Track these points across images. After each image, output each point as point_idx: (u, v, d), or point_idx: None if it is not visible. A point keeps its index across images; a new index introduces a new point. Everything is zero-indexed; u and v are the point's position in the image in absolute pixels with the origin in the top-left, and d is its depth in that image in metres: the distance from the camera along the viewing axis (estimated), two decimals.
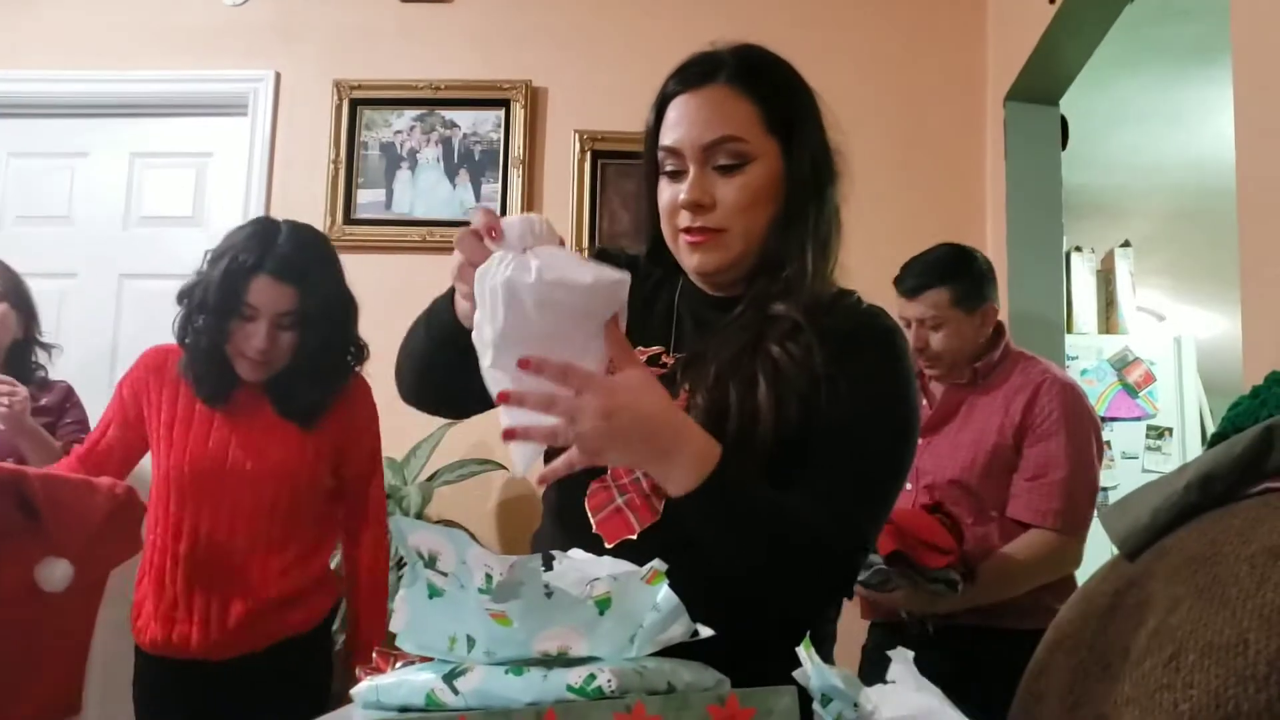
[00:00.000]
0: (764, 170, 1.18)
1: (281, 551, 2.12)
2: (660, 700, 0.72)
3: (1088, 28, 2.70)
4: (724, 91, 1.20)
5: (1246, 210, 1.63)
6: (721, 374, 1.14)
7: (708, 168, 1.18)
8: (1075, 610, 0.77)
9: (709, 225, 1.18)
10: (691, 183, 1.17)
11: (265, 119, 3.48)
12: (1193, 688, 0.50)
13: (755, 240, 1.19)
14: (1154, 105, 3.89)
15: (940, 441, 2.30)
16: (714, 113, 1.19)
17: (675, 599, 0.79)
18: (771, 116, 1.20)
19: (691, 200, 1.17)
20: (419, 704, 0.77)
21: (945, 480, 2.25)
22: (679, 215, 1.19)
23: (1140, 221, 4.89)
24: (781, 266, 1.20)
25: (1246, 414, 0.73)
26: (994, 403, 2.27)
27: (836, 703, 0.79)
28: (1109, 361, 4.12)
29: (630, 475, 1.16)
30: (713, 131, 1.17)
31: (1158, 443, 4.06)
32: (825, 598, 1.17)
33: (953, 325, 2.28)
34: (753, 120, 1.19)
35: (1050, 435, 2.21)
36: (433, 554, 0.78)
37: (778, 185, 1.20)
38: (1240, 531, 0.59)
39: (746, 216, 1.18)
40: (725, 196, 1.17)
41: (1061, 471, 2.18)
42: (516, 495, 3.26)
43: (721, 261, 1.20)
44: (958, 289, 2.28)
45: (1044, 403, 2.22)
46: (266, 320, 2.09)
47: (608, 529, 1.13)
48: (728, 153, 1.17)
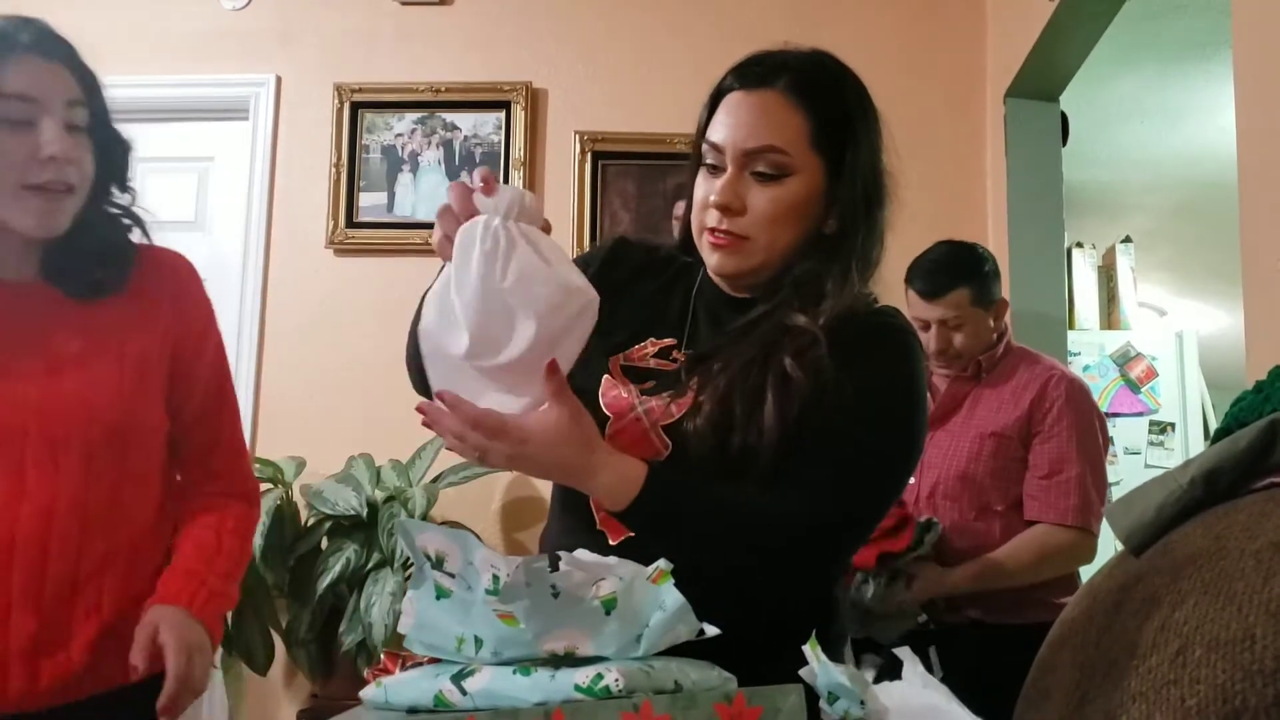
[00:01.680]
0: (802, 186, 1.17)
1: (106, 556, 1.36)
2: (667, 699, 0.73)
3: (1087, 24, 2.70)
4: (778, 100, 1.18)
5: (1248, 205, 1.63)
6: (731, 385, 1.13)
7: (745, 173, 1.17)
8: (1081, 606, 0.77)
9: (734, 230, 1.17)
10: (725, 184, 1.16)
11: (266, 123, 3.48)
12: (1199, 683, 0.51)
13: (778, 253, 1.18)
14: (1154, 101, 3.88)
15: (943, 435, 2.29)
16: (762, 119, 1.17)
17: (681, 598, 0.79)
18: (821, 133, 1.18)
19: (722, 202, 1.16)
20: (427, 704, 0.77)
21: (951, 475, 2.25)
22: (708, 213, 1.18)
23: (1141, 217, 4.88)
24: (812, 281, 1.18)
25: (1250, 409, 0.73)
26: (1000, 396, 2.27)
27: (843, 701, 0.80)
28: (1111, 357, 4.12)
29: None
30: (756, 139, 1.16)
31: (1160, 438, 4.06)
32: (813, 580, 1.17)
33: (973, 324, 2.28)
34: (801, 134, 1.17)
35: (1060, 432, 2.20)
36: (440, 555, 0.78)
37: (814, 203, 1.19)
38: (1246, 526, 0.59)
39: (773, 229, 1.17)
40: (756, 205, 1.16)
41: (1075, 468, 2.18)
42: (520, 497, 3.26)
43: (740, 267, 1.19)
44: (975, 288, 2.27)
45: (1052, 398, 2.22)
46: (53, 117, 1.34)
47: (612, 525, 1.13)
48: (768, 162, 1.16)
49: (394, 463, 3.07)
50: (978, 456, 2.23)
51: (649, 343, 1.24)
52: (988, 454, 2.23)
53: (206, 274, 3.72)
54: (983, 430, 2.25)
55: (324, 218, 3.41)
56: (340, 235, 3.40)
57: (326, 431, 3.28)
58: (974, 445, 2.25)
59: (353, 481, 2.97)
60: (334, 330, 3.38)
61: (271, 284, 3.41)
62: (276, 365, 3.37)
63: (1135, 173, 4.52)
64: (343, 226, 3.40)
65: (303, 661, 2.91)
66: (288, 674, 3.15)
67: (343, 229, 3.40)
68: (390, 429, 3.21)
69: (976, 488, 2.23)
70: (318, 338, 3.37)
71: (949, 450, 2.27)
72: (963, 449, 2.26)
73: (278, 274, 3.42)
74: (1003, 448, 2.23)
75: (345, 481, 2.98)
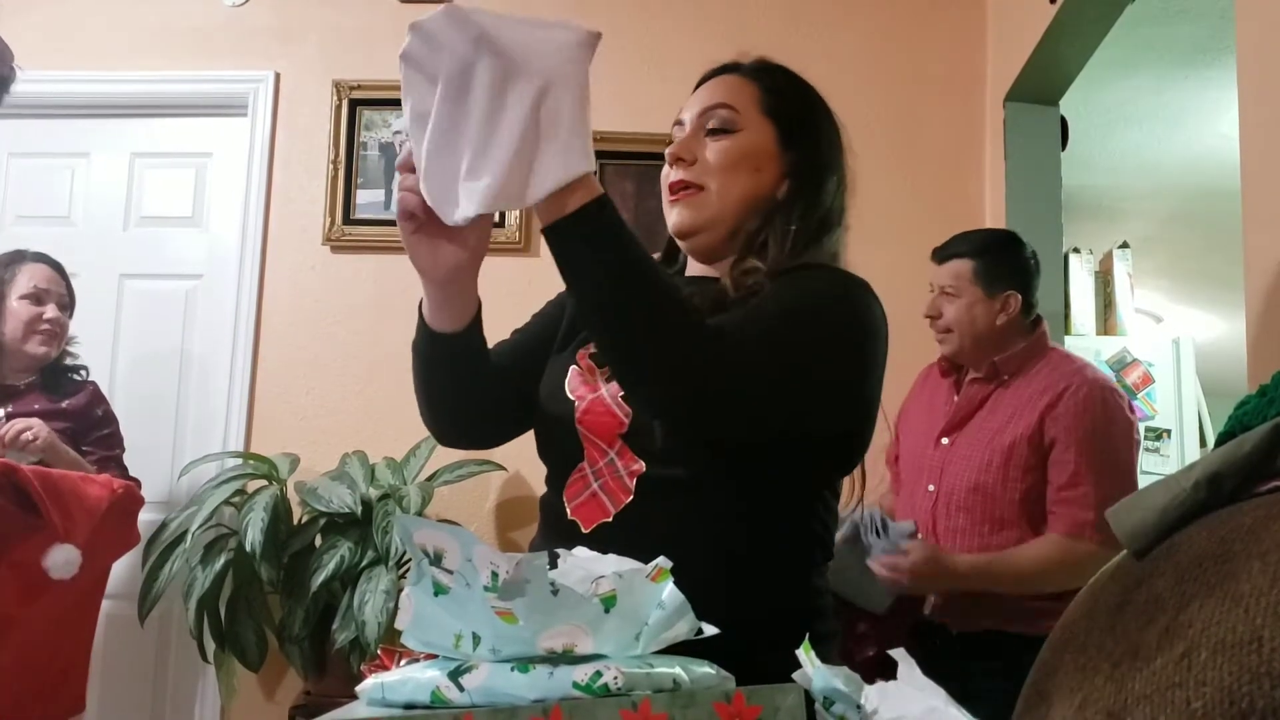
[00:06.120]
0: (750, 141, 1.26)
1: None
2: (666, 698, 0.72)
3: (1088, 28, 2.70)
4: (732, 77, 1.31)
5: (1251, 209, 1.63)
6: None
7: (701, 133, 1.27)
8: (1082, 609, 0.77)
9: (687, 178, 1.25)
10: (680, 140, 1.27)
11: (265, 119, 3.48)
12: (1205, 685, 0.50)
13: (731, 204, 1.24)
14: (1154, 106, 3.89)
15: (963, 440, 2.23)
16: (717, 88, 1.30)
17: (680, 596, 0.79)
18: (771, 101, 1.28)
19: (675, 153, 1.26)
20: (424, 701, 0.77)
21: (963, 485, 2.18)
22: (667, 174, 1.27)
23: (1139, 223, 4.89)
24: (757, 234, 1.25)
25: (1254, 413, 0.72)
26: (1018, 400, 2.18)
27: (839, 704, 0.79)
28: (1107, 363, 4.11)
29: (605, 459, 1.18)
30: (710, 100, 1.28)
31: (1156, 444, 4.06)
32: (682, 411, 1.09)
33: (967, 299, 2.24)
34: (752, 99, 1.28)
35: (1075, 442, 2.10)
36: (438, 552, 0.77)
37: (764, 160, 1.26)
38: (1251, 529, 0.59)
39: (723, 176, 1.24)
40: (706, 155, 1.25)
41: (1087, 484, 2.08)
42: (515, 496, 3.26)
43: (697, 219, 1.25)
44: (982, 265, 2.25)
45: (1067, 405, 2.12)
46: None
47: (584, 514, 1.16)
48: (719, 119, 1.26)
49: (388, 460, 3.07)
50: (989, 466, 2.15)
51: None
52: (998, 464, 2.14)
53: (204, 269, 3.74)
54: (996, 438, 2.16)
55: (321, 214, 3.41)
56: (337, 232, 3.40)
57: (321, 428, 3.28)
58: (985, 455, 2.16)
59: (347, 479, 2.97)
60: (330, 327, 3.37)
61: (268, 280, 3.41)
62: (272, 361, 3.37)
63: (1133, 178, 4.53)
64: (340, 223, 3.40)
65: (295, 658, 2.90)
66: (280, 671, 3.14)
67: (340, 226, 3.40)
68: (385, 426, 3.21)
69: (989, 499, 2.15)
70: (314, 334, 3.37)
71: (966, 458, 2.20)
72: (976, 459, 2.18)
73: (274, 270, 3.42)
74: (1015, 457, 2.13)
75: (339, 479, 2.98)
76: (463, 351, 1.22)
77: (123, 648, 3.23)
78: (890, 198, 3.20)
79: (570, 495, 1.19)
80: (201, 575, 2.87)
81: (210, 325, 3.42)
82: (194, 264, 3.50)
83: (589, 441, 1.20)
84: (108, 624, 2.78)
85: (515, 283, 2.62)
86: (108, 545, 2.41)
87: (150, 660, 3.31)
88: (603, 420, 1.18)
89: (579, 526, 1.16)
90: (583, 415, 1.20)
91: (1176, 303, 5.92)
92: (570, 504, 1.19)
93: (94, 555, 2.24)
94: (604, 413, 1.19)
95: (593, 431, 1.19)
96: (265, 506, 2.85)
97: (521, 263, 3.26)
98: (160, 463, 3.33)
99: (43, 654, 2.21)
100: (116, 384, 3.36)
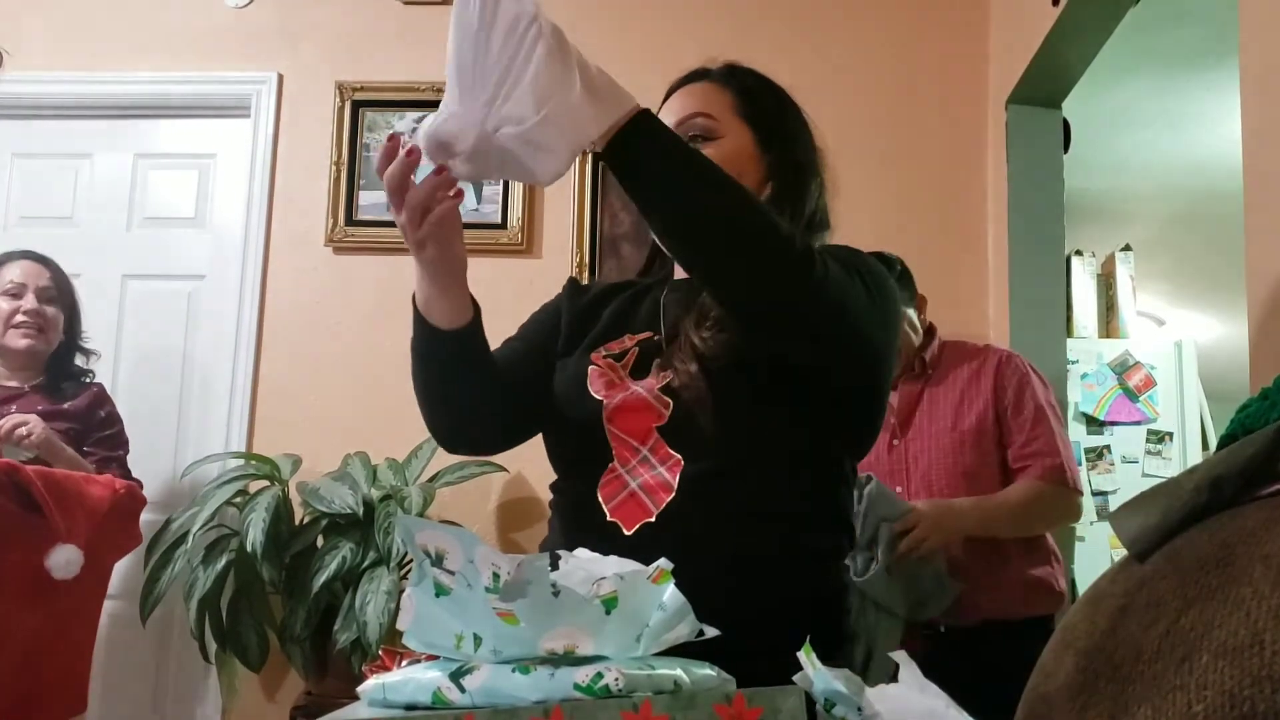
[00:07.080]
0: (731, 147, 1.27)
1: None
2: (667, 699, 0.72)
3: (1091, 31, 2.70)
4: (705, 84, 1.33)
5: (1253, 211, 1.63)
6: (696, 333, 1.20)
7: None
8: (1083, 612, 0.77)
9: None
10: None
11: (268, 120, 3.48)
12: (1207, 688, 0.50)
13: None
14: (1156, 109, 3.89)
15: (914, 440, 2.37)
16: (692, 96, 1.32)
17: (681, 598, 0.79)
18: (746, 105, 1.30)
19: None
20: (425, 702, 0.77)
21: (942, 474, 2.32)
22: None
23: (1141, 226, 4.89)
24: None
25: (1256, 416, 0.72)
26: (955, 392, 2.38)
27: (840, 706, 0.79)
28: (1109, 366, 4.11)
29: (637, 457, 1.17)
30: (686, 109, 1.29)
31: (1158, 447, 4.05)
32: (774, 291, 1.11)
33: None
34: (727, 105, 1.30)
35: (1028, 400, 2.34)
36: (440, 552, 0.77)
37: (745, 163, 1.28)
38: (1253, 532, 0.59)
39: None
40: None
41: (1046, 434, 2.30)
42: (517, 497, 3.26)
43: None
44: None
45: (1008, 377, 2.35)
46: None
47: (624, 514, 1.14)
48: (697, 127, 1.28)
49: (390, 461, 3.07)
50: (960, 451, 2.32)
51: (626, 337, 1.29)
52: (970, 447, 2.32)
53: (206, 270, 3.75)
54: (959, 423, 2.34)
55: (324, 215, 3.41)
56: (340, 233, 3.40)
57: (323, 429, 3.28)
58: (954, 441, 2.33)
59: (349, 480, 2.97)
60: (332, 328, 3.38)
61: (271, 281, 3.41)
62: (274, 362, 3.37)
63: (1136, 181, 4.53)
64: (342, 224, 3.40)
65: (297, 659, 2.90)
66: (281, 671, 3.14)
67: (342, 227, 3.40)
68: (387, 427, 3.21)
69: (973, 479, 2.31)
70: (316, 335, 3.37)
71: (931, 452, 2.35)
72: (945, 447, 2.34)
73: (277, 271, 3.42)
74: (983, 440, 2.32)
75: (341, 479, 2.98)
76: (465, 350, 1.21)
77: (124, 648, 3.23)
78: (892, 200, 3.20)
79: (606, 496, 1.17)
80: (203, 575, 2.87)
81: (213, 326, 3.42)
82: (197, 265, 3.51)
83: (618, 440, 1.19)
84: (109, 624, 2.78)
85: (515, 283, 2.62)
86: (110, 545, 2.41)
87: (151, 660, 3.31)
88: (638, 416, 1.18)
89: (620, 527, 1.14)
90: (613, 413, 1.19)
91: (1179, 306, 5.91)
92: (608, 505, 1.17)
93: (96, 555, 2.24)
94: (640, 408, 1.18)
95: (623, 429, 1.18)
96: (267, 507, 2.85)
97: (522, 263, 3.26)
98: (162, 463, 3.34)
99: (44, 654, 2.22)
100: (119, 384, 3.36)
